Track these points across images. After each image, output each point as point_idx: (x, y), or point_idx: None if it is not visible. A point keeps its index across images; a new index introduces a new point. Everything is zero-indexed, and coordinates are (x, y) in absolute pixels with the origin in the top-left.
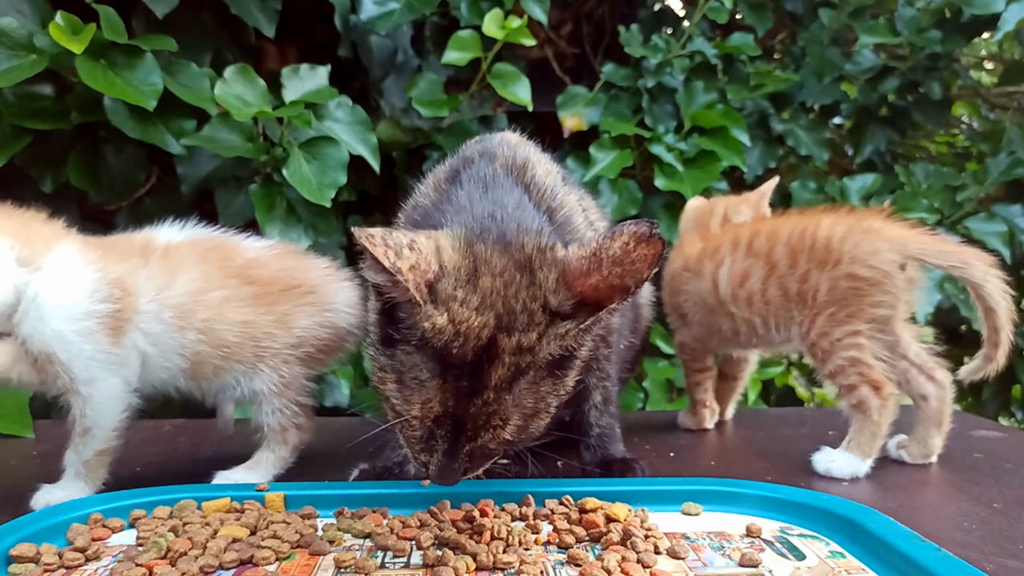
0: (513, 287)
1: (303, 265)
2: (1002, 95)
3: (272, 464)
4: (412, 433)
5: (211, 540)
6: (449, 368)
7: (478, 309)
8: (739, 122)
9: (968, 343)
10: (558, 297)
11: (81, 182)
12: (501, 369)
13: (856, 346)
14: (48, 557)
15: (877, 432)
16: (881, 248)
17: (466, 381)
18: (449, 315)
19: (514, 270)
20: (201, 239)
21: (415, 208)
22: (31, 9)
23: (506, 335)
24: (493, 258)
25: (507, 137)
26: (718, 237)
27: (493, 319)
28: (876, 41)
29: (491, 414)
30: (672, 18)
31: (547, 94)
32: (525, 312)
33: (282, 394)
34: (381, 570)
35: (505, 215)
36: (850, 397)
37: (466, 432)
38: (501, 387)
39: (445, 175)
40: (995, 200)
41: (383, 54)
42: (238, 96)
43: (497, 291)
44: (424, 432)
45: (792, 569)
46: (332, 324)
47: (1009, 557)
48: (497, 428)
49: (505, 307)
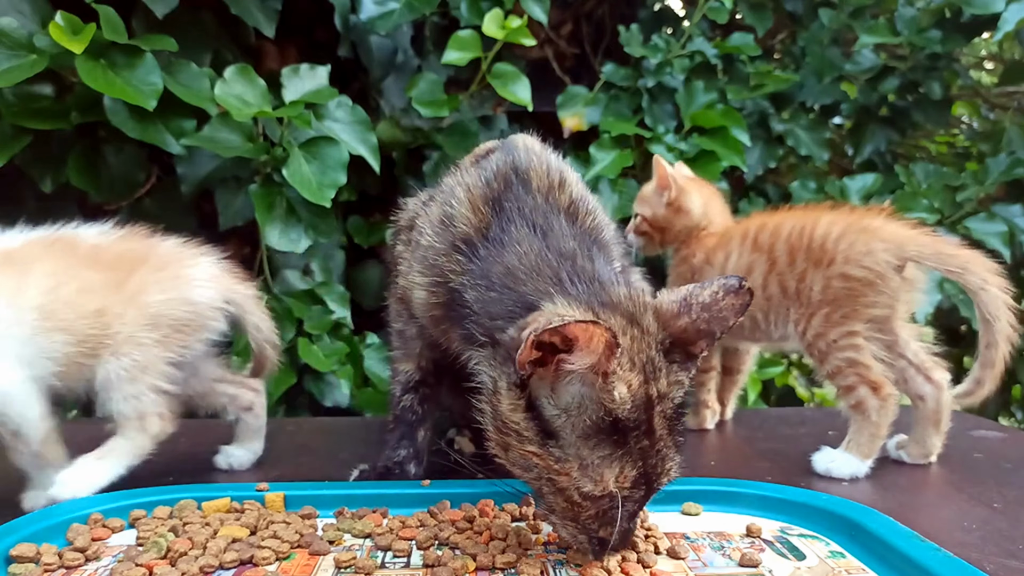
0: (637, 341)
1: (149, 243)
2: (1002, 95)
3: (126, 453)
4: (587, 514)
5: (211, 540)
6: (631, 432)
7: (631, 369)
8: (739, 122)
9: (968, 343)
10: (660, 337)
11: (81, 182)
12: (660, 419)
13: (853, 347)
14: (48, 557)
15: (876, 433)
16: (876, 248)
17: (647, 440)
18: (623, 382)
19: (628, 326)
20: (38, 238)
21: (447, 223)
22: (31, 9)
23: (652, 387)
24: (611, 319)
25: (531, 145)
26: (732, 228)
27: (640, 374)
28: (876, 41)
29: (664, 461)
30: (672, 18)
31: (547, 94)
32: (650, 361)
33: (137, 380)
34: (381, 570)
35: (582, 271)
36: (849, 398)
37: (652, 488)
38: (663, 436)
39: (482, 195)
40: (995, 200)
41: (383, 54)
42: (238, 96)
43: (630, 348)
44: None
45: (792, 569)
46: (188, 299)
47: (1009, 557)
48: (671, 471)
49: (640, 361)
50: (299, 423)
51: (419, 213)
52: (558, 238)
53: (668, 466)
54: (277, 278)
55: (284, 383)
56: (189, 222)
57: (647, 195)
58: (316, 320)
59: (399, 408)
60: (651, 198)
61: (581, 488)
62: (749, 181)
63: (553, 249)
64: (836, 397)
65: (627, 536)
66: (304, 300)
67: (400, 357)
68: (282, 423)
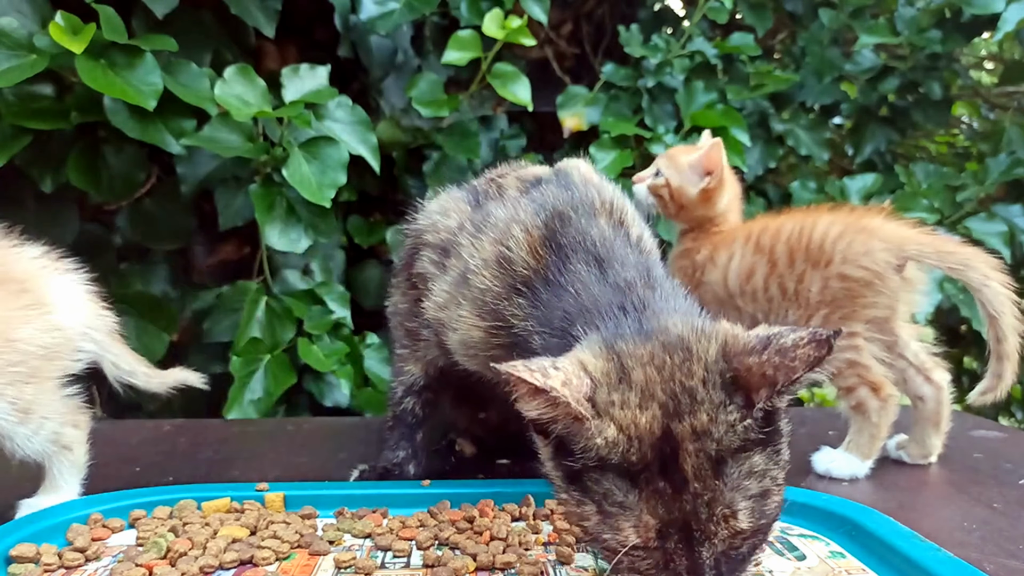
0: (667, 370)
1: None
2: (1002, 95)
3: (70, 475)
4: (646, 565)
5: (211, 540)
6: (638, 475)
7: (640, 406)
8: (739, 122)
9: (968, 343)
10: (718, 367)
11: (81, 182)
12: (691, 458)
13: (853, 348)
14: (48, 557)
15: (876, 434)
16: (875, 248)
17: (663, 482)
18: (615, 423)
19: (663, 353)
20: None
21: (505, 266)
22: (31, 9)
23: (678, 422)
24: (637, 350)
25: (586, 174)
26: (737, 229)
27: (659, 409)
28: (876, 41)
29: (711, 505)
30: (672, 18)
31: (547, 94)
32: (687, 393)
33: (27, 421)
34: (381, 570)
35: (638, 299)
36: (849, 399)
37: (696, 536)
38: (705, 476)
39: (540, 237)
40: (995, 200)
41: (383, 54)
42: (238, 96)
43: (652, 380)
44: (657, 558)
45: (792, 569)
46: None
47: (1009, 557)
48: (728, 520)
49: (667, 393)
50: (299, 423)
51: (462, 242)
52: (617, 271)
53: (721, 512)
54: (277, 278)
55: (284, 383)
56: (189, 222)
57: (682, 164)
58: (316, 320)
59: (399, 409)
60: (686, 170)
61: (606, 539)
62: (749, 181)
63: (611, 283)
64: (836, 398)
65: None
66: (304, 300)
67: (407, 356)
68: (282, 423)
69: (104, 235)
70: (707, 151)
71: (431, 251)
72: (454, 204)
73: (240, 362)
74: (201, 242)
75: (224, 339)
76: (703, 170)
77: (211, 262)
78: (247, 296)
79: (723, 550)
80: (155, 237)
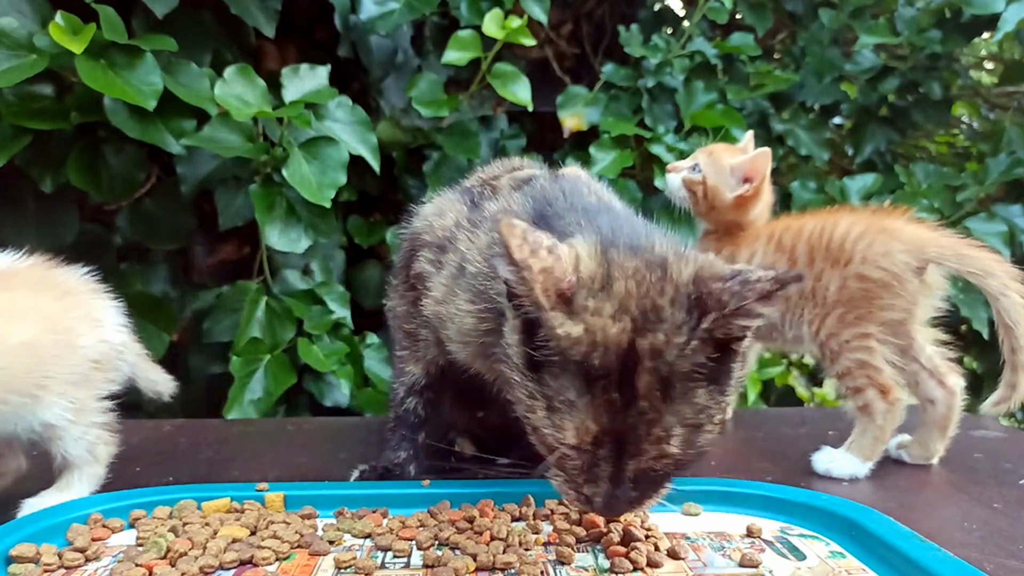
0: (644, 286)
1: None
2: (1002, 95)
3: (87, 485)
4: (573, 464)
5: (211, 540)
6: (596, 382)
7: (614, 316)
8: (739, 122)
9: (969, 343)
10: (687, 289)
11: (81, 182)
12: (646, 376)
13: (865, 348)
14: (48, 557)
15: (880, 436)
16: (894, 249)
17: (617, 393)
18: (585, 326)
19: (645, 269)
20: None
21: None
22: (31, 9)
23: (642, 338)
24: (626, 262)
25: (579, 174)
26: (760, 228)
27: (630, 323)
28: (876, 41)
29: (650, 425)
30: (672, 18)
31: (547, 94)
32: (654, 310)
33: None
34: (381, 570)
35: (633, 228)
36: (856, 399)
37: (628, 450)
38: (653, 396)
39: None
40: (995, 200)
41: (383, 54)
42: (238, 96)
43: (631, 294)
44: (586, 460)
45: (792, 569)
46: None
47: (1009, 557)
48: (661, 441)
49: (639, 309)
50: (299, 423)
51: (459, 236)
52: (615, 215)
53: (657, 433)
54: (277, 278)
55: (284, 383)
56: (189, 222)
57: (723, 165)
58: (316, 320)
59: (401, 410)
60: (726, 172)
61: (545, 433)
62: None
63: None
64: (842, 397)
65: (613, 502)
66: (304, 300)
67: (407, 358)
68: (282, 423)
69: (104, 235)
70: (753, 158)
71: (429, 250)
72: (450, 204)
73: (240, 362)
74: (201, 242)
75: (224, 339)
76: (744, 175)
77: (211, 262)
78: (247, 296)
79: (645, 468)
80: (155, 237)
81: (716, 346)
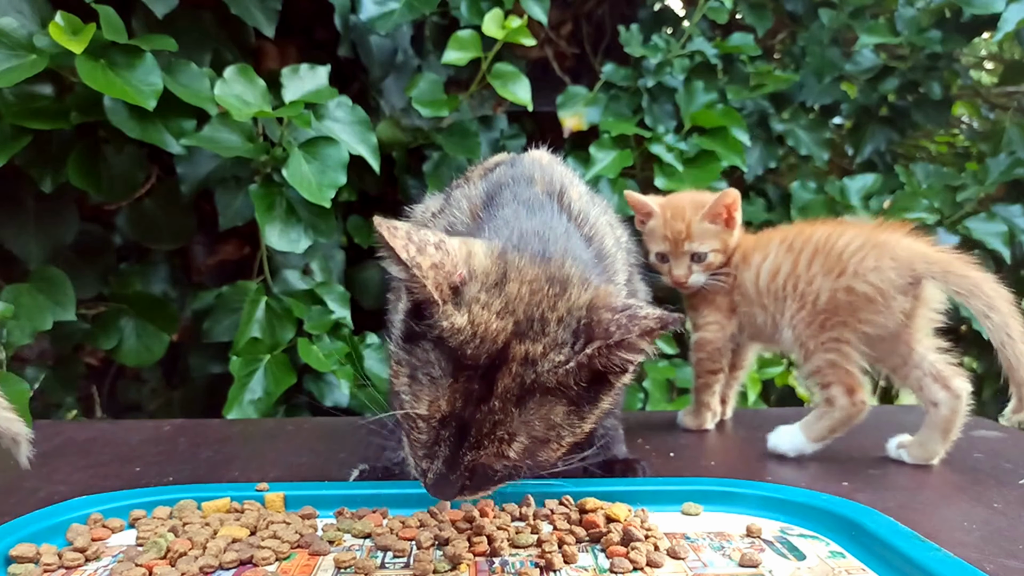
0: (538, 296)
1: None
2: (1002, 95)
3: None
4: (417, 436)
5: (211, 540)
6: (462, 369)
7: (499, 314)
8: (739, 122)
9: (969, 343)
10: (579, 313)
11: (81, 182)
12: (508, 378)
13: (838, 351)
14: (48, 557)
15: (833, 426)
16: (884, 266)
17: (476, 385)
18: (469, 316)
19: (544, 281)
20: None
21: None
22: (31, 9)
23: (519, 342)
24: (526, 267)
25: (538, 157)
26: (774, 232)
27: (512, 325)
28: (876, 41)
29: (496, 424)
30: (672, 18)
31: (547, 94)
32: (541, 321)
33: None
34: (381, 570)
35: (554, 237)
36: (823, 393)
37: (469, 439)
38: (508, 398)
39: (481, 200)
40: (995, 200)
41: (383, 54)
42: (238, 96)
43: (522, 298)
44: (429, 436)
45: (792, 569)
46: None
47: (1009, 557)
48: (502, 443)
49: (526, 314)
50: (299, 423)
51: (428, 225)
52: (547, 216)
53: (500, 434)
54: (277, 278)
55: (284, 383)
56: (189, 222)
57: (707, 228)
58: (316, 320)
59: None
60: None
61: (403, 399)
62: (749, 181)
63: (536, 219)
64: (809, 389)
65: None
66: (304, 300)
67: None
68: (282, 423)
69: (104, 235)
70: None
71: None
72: (433, 201)
73: (240, 362)
74: (201, 242)
75: (224, 339)
76: (710, 217)
77: (211, 262)
78: (247, 296)
79: (482, 463)
80: (155, 237)
81: (592, 374)
